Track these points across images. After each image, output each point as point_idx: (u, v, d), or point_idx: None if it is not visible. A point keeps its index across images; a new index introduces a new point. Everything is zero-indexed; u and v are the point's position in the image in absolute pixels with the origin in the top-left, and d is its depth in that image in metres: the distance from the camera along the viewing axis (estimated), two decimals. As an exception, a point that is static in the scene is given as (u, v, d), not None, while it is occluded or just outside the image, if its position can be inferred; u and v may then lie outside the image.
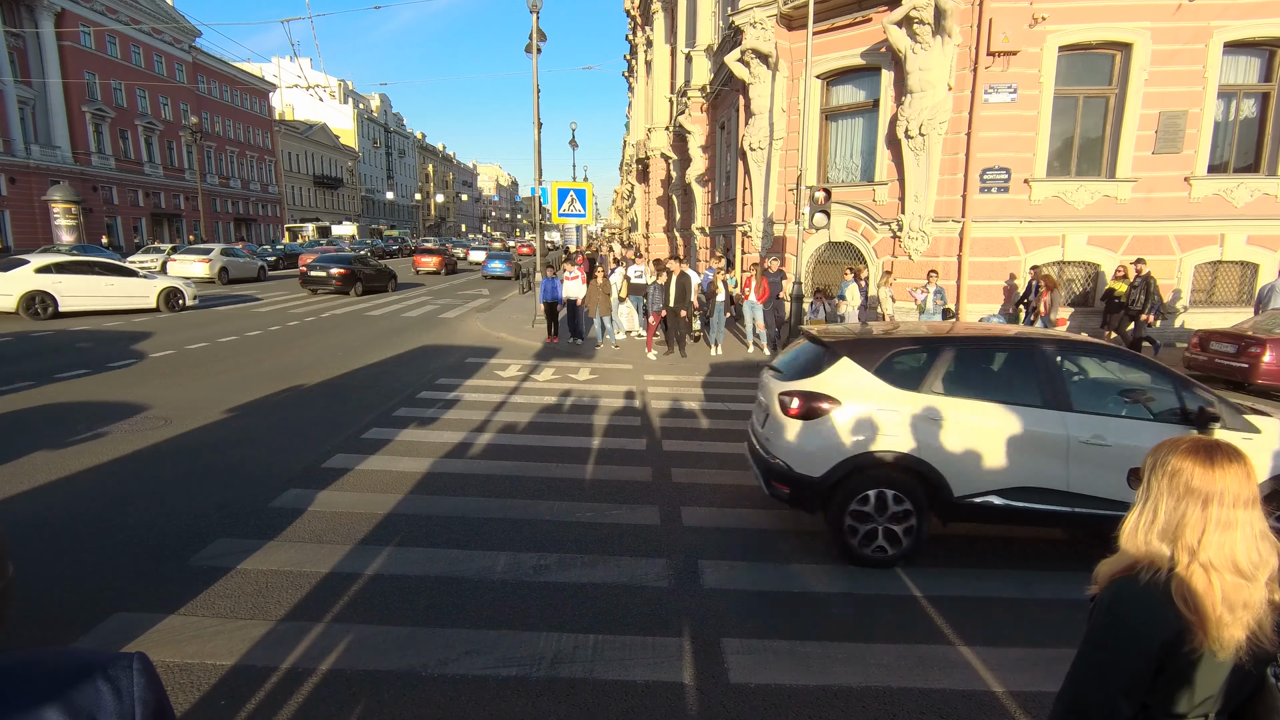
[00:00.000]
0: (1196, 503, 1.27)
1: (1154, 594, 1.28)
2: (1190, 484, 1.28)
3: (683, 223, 27.27)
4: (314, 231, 52.34)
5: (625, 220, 56.40)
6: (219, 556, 4.41)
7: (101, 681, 0.80)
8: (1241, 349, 9.87)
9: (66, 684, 0.78)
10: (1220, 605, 1.23)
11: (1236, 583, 1.24)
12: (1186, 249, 13.63)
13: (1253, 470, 1.31)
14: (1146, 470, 1.36)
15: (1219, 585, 1.24)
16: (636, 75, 39.25)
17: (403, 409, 8.24)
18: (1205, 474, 1.28)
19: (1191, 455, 1.30)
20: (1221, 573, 1.25)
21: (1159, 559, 1.30)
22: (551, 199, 15.81)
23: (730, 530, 5.07)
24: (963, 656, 3.56)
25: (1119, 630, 1.31)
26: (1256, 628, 1.24)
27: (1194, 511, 1.27)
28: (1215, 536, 1.25)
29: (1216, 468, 1.28)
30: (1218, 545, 1.25)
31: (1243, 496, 1.27)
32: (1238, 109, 13.61)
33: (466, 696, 3.14)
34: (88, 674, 0.81)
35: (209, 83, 52.66)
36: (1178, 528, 1.28)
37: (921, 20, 12.36)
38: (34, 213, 34.96)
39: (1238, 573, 1.24)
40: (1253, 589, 1.24)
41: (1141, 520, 1.33)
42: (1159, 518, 1.31)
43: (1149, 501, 1.33)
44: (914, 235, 13.68)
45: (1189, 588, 1.25)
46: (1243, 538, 1.25)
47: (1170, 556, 1.29)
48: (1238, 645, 1.24)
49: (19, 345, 11.68)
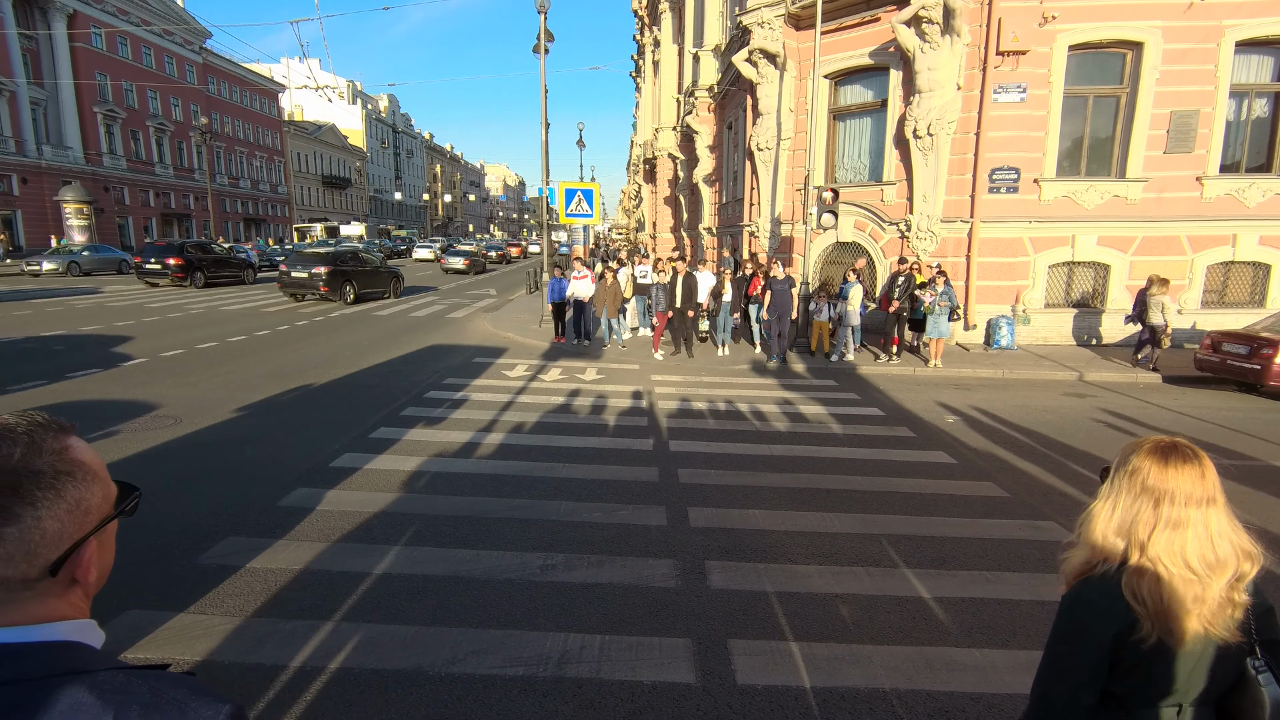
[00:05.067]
0: (1150, 500, 1.33)
1: (1107, 587, 1.35)
2: (1146, 482, 1.34)
3: (690, 223, 27.25)
4: (322, 231, 52.60)
5: (632, 220, 56.38)
6: (228, 555, 4.44)
7: None
8: (1254, 350, 9.79)
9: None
10: (1168, 599, 1.29)
11: (1186, 578, 1.29)
12: (1198, 249, 13.53)
13: (1210, 470, 1.35)
14: (1114, 467, 1.42)
15: (1167, 580, 1.29)
16: (644, 75, 39.24)
17: (410, 408, 8.27)
18: (1160, 473, 1.33)
19: (1150, 455, 1.36)
20: (1170, 568, 1.30)
21: (1114, 553, 1.36)
22: (559, 199, 15.84)
23: (737, 531, 5.06)
24: (971, 659, 3.55)
25: (1075, 624, 1.38)
26: (1211, 622, 1.29)
27: (1146, 509, 1.33)
28: (1164, 534, 1.31)
29: (1170, 467, 1.33)
30: (1166, 542, 1.31)
31: (1195, 495, 1.31)
32: (1249, 108, 13.50)
33: (473, 696, 3.15)
34: (165, 715, 0.73)
35: (219, 83, 53.01)
36: (1132, 524, 1.34)
37: (930, 20, 12.32)
38: (46, 213, 35.29)
39: (1188, 569, 1.29)
40: (1205, 585, 1.29)
41: (1102, 515, 1.39)
42: (1116, 513, 1.37)
43: (1111, 497, 1.39)
44: (922, 235, 13.63)
45: (1138, 582, 1.31)
46: (1194, 536, 1.30)
47: (1124, 551, 1.35)
48: (1195, 638, 1.29)
49: (29, 342, 11.77)
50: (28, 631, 0.74)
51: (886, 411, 8.86)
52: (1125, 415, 8.91)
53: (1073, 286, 14.03)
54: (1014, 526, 5.29)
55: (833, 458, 6.84)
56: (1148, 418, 8.80)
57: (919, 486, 6.08)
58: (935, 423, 8.34)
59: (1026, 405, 9.36)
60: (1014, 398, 9.86)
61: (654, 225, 37.36)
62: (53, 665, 0.72)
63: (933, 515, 5.42)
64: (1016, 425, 8.28)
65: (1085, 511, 1.43)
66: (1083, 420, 8.62)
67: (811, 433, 7.82)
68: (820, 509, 5.48)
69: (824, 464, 6.63)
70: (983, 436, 7.78)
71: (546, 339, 13.78)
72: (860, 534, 5.06)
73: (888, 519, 5.32)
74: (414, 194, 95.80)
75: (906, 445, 7.38)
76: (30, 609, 0.75)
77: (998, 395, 10.02)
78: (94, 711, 0.70)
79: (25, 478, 0.74)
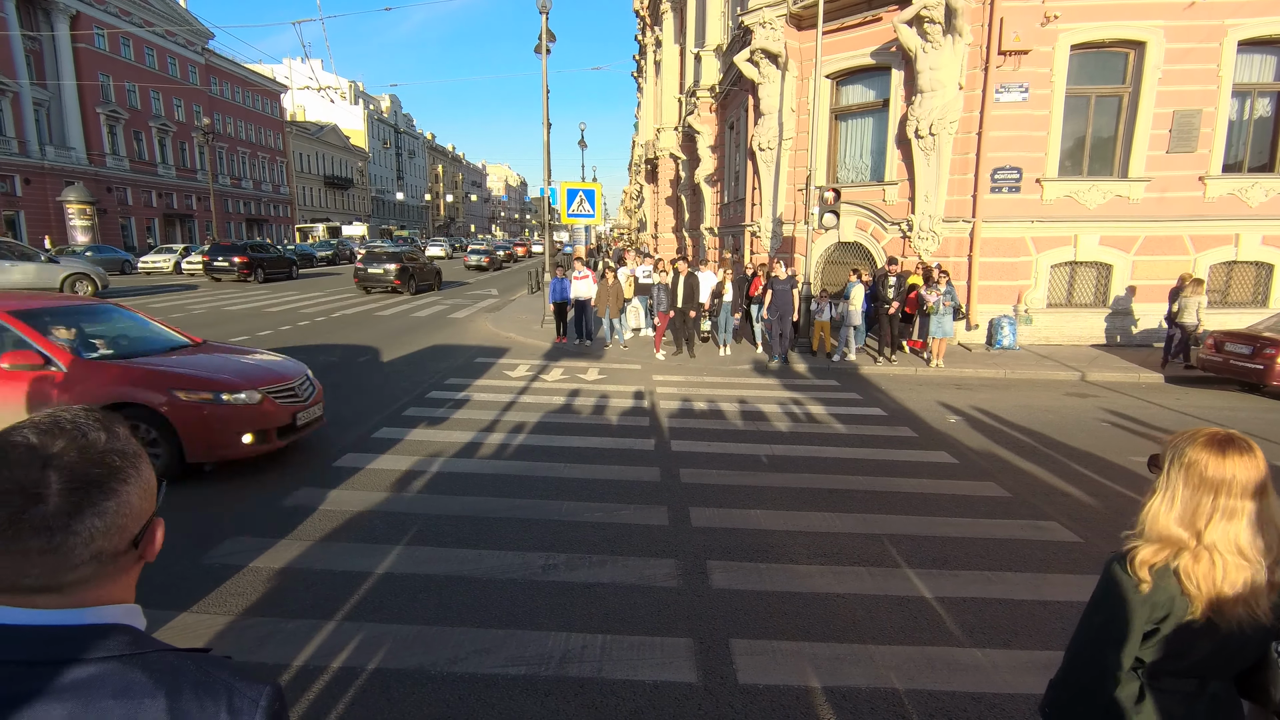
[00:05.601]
0: (1209, 492, 1.39)
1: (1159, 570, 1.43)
2: (1205, 474, 1.40)
3: (691, 223, 27.25)
4: (324, 232, 52.69)
5: (634, 220, 56.39)
6: (231, 554, 4.45)
7: (224, 711, 0.79)
8: (1257, 350, 9.77)
9: (194, 702, 0.78)
10: (1221, 585, 1.37)
11: (1239, 564, 1.37)
12: (1201, 249, 13.50)
13: (1263, 461, 1.42)
14: (1166, 459, 1.48)
15: (1221, 566, 1.37)
16: (645, 75, 39.27)
17: (412, 408, 8.28)
18: (1219, 465, 1.39)
19: (1207, 448, 1.41)
20: (1225, 555, 1.37)
21: (1178, 543, 1.42)
22: (561, 199, 15.85)
23: (739, 531, 5.06)
24: (973, 658, 3.55)
25: (1113, 596, 1.47)
26: (1257, 606, 1.37)
27: (1206, 500, 1.39)
28: (1220, 524, 1.38)
29: (1229, 459, 1.39)
30: (1222, 531, 1.38)
31: (1251, 486, 1.38)
32: (1252, 108, 13.48)
33: (475, 695, 3.15)
34: (215, 697, 0.79)
35: (221, 84, 53.11)
36: (1193, 514, 1.40)
37: (932, 19, 12.31)
38: (49, 213, 35.35)
39: (1241, 556, 1.37)
40: (1254, 570, 1.37)
41: (1161, 506, 1.45)
42: (1176, 505, 1.43)
43: (1168, 489, 1.45)
44: (924, 235, 13.62)
45: (1194, 568, 1.39)
46: (1247, 524, 1.37)
47: (1184, 539, 1.42)
48: (1239, 621, 1.38)
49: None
50: (89, 614, 0.79)
51: (888, 411, 8.86)
52: (1128, 415, 8.90)
53: (1075, 286, 14.01)
54: (1016, 526, 5.29)
55: (834, 458, 6.84)
56: (1150, 418, 8.78)
57: (921, 486, 6.08)
58: (937, 423, 8.33)
59: (1028, 405, 9.35)
60: (1016, 398, 9.85)
61: (655, 225, 37.40)
62: (110, 646, 0.78)
63: (934, 515, 5.42)
64: (1018, 425, 8.27)
65: (1144, 507, 1.49)
66: (1085, 420, 8.61)
67: (813, 433, 7.82)
68: (822, 509, 5.48)
69: (826, 464, 6.63)
70: (984, 436, 7.77)
71: (548, 339, 13.79)
72: (862, 534, 5.06)
73: (889, 519, 5.32)
74: (416, 194, 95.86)
75: (908, 445, 7.38)
76: (107, 588, 0.82)
77: (1000, 395, 10.01)
78: (148, 690, 0.76)
79: (115, 457, 0.82)
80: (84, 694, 0.73)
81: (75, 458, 0.78)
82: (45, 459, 0.77)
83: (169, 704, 0.76)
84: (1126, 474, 6.50)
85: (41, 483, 0.76)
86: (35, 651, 0.75)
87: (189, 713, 0.76)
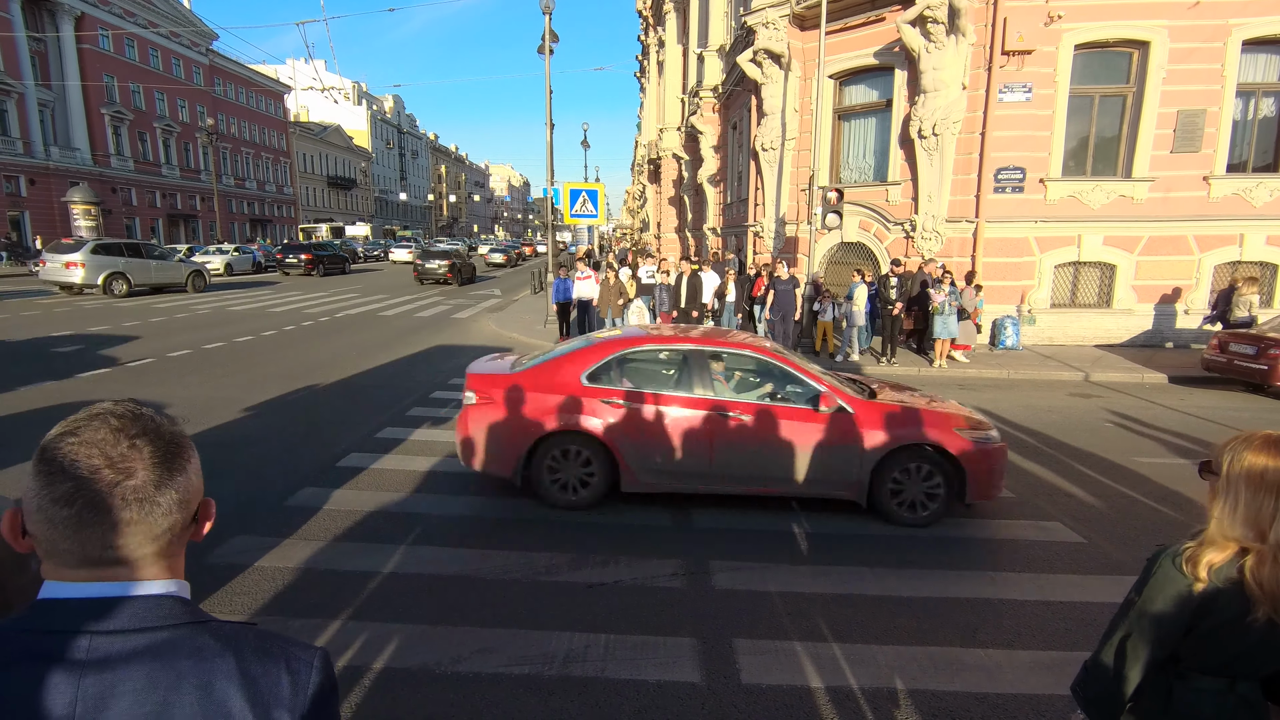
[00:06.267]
0: (1272, 494, 1.40)
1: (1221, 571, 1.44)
2: (1267, 477, 1.41)
3: (694, 223, 27.25)
4: (328, 232, 52.71)
5: (637, 220, 56.39)
6: (236, 554, 4.47)
7: (284, 672, 0.87)
8: (1261, 350, 9.75)
9: (257, 663, 0.86)
10: None
11: None
12: (1205, 249, 13.47)
13: None
14: (1224, 463, 1.48)
15: None
16: (648, 76, 39.27)
17: (416, 408, 8.30)
18: (1278, 467, 1.41)
19: (1265, 450, 1.43)
20: None
21: (1240, 543, 1.44)
22: (564, 200, 15.85)
23: (741, 531, 5.07)
24: (976, 659, 3.55)
25: (1161, 589, 1.49)
26: None
27: (1269, 502, 1.40)
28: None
29: None
30: None
31: None
32: (1256, 108, 13.44)
33: (479, 695, 3.16)
34: (274, 659, 0.88)
35: (225, 85, 53.23)
36: (1257, 516, 1.41)
37: (935, 19, 12.29)
38: (54, 213, 35.45)
39: None
40: None
41: (1225, 513, 1.46)
42: (1240, 509, 1.44)
43: (1229, 493, 1.46)
44: (927, 235, 13.61)
45: (1259, 569, 1.39)
46: None
47: (1250, 541, 1.43)
48: None
49: (43, 342, 11.85)
50: (157, 585, 0.87)
51: (891, 412, 8.83)
52: (1132, 416, 8.88)
53: (1078, 287, 13.99)
54: (1019, 527, 5.29)
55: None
56: (1155, 418, 8.77)
57: (924, 487, 6.06)
58: (940, 423, 8.31)
59: (1032, 405, 9.33)
60: (1019, 398, 9.84)
61: (658, 225, 37.39)
62: (179, 614, 0.86)
63: (937, 515, 5.41)
64: (1022, 425, 8.26)
65: (1210, 515, 1.50)
66: (1089, 421, 8.60)
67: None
68: (822, 508, 5.48)
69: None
70: (988, 437, 7.75)
71: (551, 339, 13.78)
72: (863, 534, 5.06)
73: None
74: (419, 194, 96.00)
75: (911, 445, 7.35)
76: (170, 562, 0.90)
77: (1003, 395, 10.00)
78: (218, 651, 0.84)
79: (181, 438, 0.91)
80: (163, 656, 0.81)
81: (155, 437, 0.87)
82: (131, 438, 0.85)
83: (238, 664, 0.84)
84: (1130, 475, 6.48)
85: (130, 458, 0.84)
86: (120, 621, 0.82)
87: (254, 672, 0.85)
